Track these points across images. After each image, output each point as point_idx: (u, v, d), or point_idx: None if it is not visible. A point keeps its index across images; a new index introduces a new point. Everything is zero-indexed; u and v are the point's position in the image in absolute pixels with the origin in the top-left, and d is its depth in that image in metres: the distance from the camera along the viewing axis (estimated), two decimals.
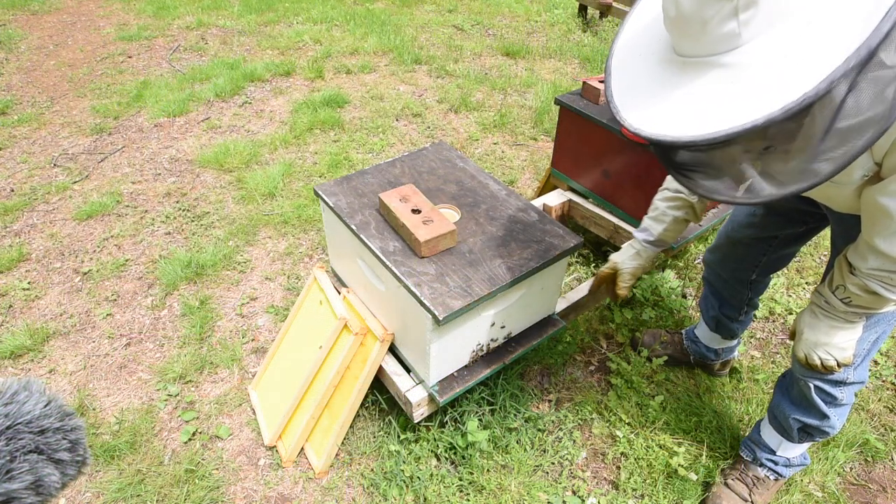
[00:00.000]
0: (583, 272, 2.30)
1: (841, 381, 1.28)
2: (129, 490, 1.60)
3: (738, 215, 1.56)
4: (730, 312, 1.71)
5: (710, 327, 1.79)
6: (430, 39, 4.50)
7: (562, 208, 2.29)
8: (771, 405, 1.50)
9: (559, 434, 1.75)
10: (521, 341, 1.67)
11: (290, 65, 3.95)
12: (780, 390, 1.46)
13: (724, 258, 1.64)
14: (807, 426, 1.39)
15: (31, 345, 2.02)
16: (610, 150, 2.02)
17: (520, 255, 1.47)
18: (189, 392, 1.88)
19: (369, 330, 1.62)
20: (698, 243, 2.44)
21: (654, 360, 1.90)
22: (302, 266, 2.37)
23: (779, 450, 1.51)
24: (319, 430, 1.68)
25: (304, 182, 2.84)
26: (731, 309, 1.71)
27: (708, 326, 1.79)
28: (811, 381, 1.30)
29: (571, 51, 4.26)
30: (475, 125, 3.35)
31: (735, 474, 1.58)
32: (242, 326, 2.10)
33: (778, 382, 1.49)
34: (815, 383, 1.30)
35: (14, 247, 2.44)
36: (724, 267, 1.65)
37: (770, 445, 1.52)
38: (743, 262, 1.59)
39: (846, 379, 1.27)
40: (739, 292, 1.66)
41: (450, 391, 1.53)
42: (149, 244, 2.47)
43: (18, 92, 3.66)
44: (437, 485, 1.61)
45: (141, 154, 3.07)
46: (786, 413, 1.41)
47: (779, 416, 1.45)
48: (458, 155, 1.87)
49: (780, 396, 1.45)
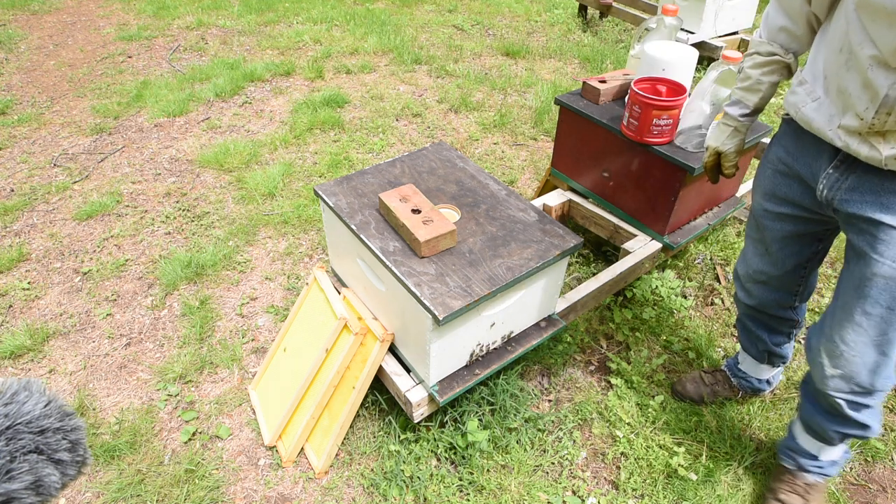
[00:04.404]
0: (583, 272, 2.30)
1: (868, 389, 1.25)
2: (129, 490, 1.60)
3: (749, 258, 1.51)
4: (780, 339, 1.64)
5: (760, 360, 1.70)
6: (430, 39, 4.50)
7: (562, 208, 2.29)
8: (802, 415, 1.46)
9: (559, 434, 1.75)
10: (521, 341, 1.67)
11: (290, 65, 3.95)
12: (809, 399, 1.42)
13: (761, 296, 1.55)
14: (847, 434, 1.38)
15: (31, 345, 2.02)
16: (610, 150, 2.02)
17: (520, 255, 1.47)
18: (189, 392, 1.88)
19: (369, 330, 1.62)
20: (698, 243, 2.44)
21: (653, 360, 1.90)
22: (302, 266, 2.37)
23: (821, 454, 1.48)
24: (319, 430, 1.68)
25: (304, 182, 2.84)
26: (781, 335, 1.64)
27: (757, 360, 1.71)
28: (840, 396, 1.28)
29: (571, 51, 4.26)
30: (475, 125, 3.35)
31: (785, 487, 1.53)
32: (242, 326, 2.10)
33: (802, 389, 1.46)
34: (844, 398, 1.27)
35: (14, 247, 2.44)
36: (764, 303, 1.56)
37: (811, 451, 1.49)
38: (779, 291, 1.52)
39: (873, 386, 1.24)
40: (786, 317, 1.58)
41: (450, 391, 1.53)
42: (149, 244, 2.47)
43: (18, 92, 3.66)
44: (437, 485, 1.61)
45: (141, 154, 3.07)
46: (823, 427, 1.38)
47: (815, 428, 1.42)
48: (458, 155, 1.87)
49: (812, 409, 1.41)
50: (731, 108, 1.40)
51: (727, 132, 1.43)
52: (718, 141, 1.45)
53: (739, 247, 2.39)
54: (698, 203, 2.06)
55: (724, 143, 1.44)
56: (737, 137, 1.42)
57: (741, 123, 1.41)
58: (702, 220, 2.13)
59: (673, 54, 1.85)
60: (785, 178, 1.33)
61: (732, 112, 1.40)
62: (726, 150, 1.44)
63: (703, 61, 3.77)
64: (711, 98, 1.72)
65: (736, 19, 3.76)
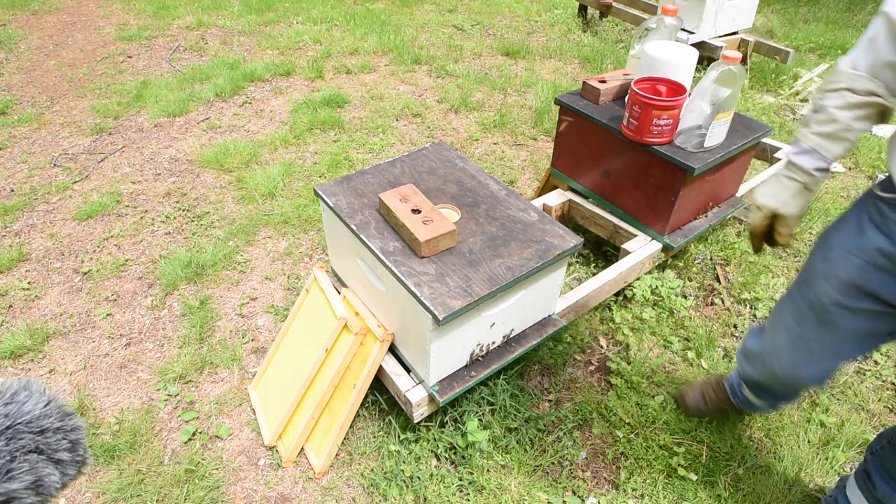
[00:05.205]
0: (583, 272, 2.30)
1: None
2: (129, 490, 1.60)
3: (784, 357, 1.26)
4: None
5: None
6: (430, 39, 4.49)
7: (562, 208, 2.29)
8: (879, 493, 1.24)
9: (559, 434, 1.75)
10: (521, 341, 1.67)
11: (290, 65, 3.95)
12: (880, 474, 1.22)
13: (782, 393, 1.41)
14: None
15: (31, 345, 2.02)
16: (610, 150, 2.02)
17: (520, 255, 1.47)
18: (189, 392, 1.88)
19: (369, 330, 1.62)
20: (698, 243, 2.44)
21: (653, 360, 1.90)
22: (302, 266, 2.37)
23: None
24: (319, 430, 1.68)
25: (304, 182, 2.84)
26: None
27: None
28: None
29: (571, 51, 4.26)
30: (475, 125, 3.35)
31: None
32: (242, 326, 2.10)
33: (873, 461, 1.25)
34: None
35: (14, 247, 2.44)
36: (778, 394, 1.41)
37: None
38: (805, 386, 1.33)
39: None
40: None
41: (450, 391, 1.53)
42: (149, 244, 2.47)
43: (18, 92, 3.66)
44: (437, 485, 1.61)
45: (141, 154, 3.07)
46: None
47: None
48: (458, 155, 1.87)
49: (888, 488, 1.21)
50: (801, 159, 1.06)
51: (792, 189, 1.09)
52: (779, 200, 1.10)
53: (740, 247, 2.38)
54: (698, 203, 2.06)
55: (786, 202, 1.10)
56: (804, 197, 1.10)
57: (814, 180, 1.07)
58: (702, 220, 2.13)
59: (673, 54, 1.85)
60: (884, 274, 1.03)
61: (805, 164, 1.06)
62: (789, 212, 1.10)
63: (703, 61, 3.77)
64: (711, 98, 1.72)
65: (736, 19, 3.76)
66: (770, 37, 4.56)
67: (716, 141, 1.86)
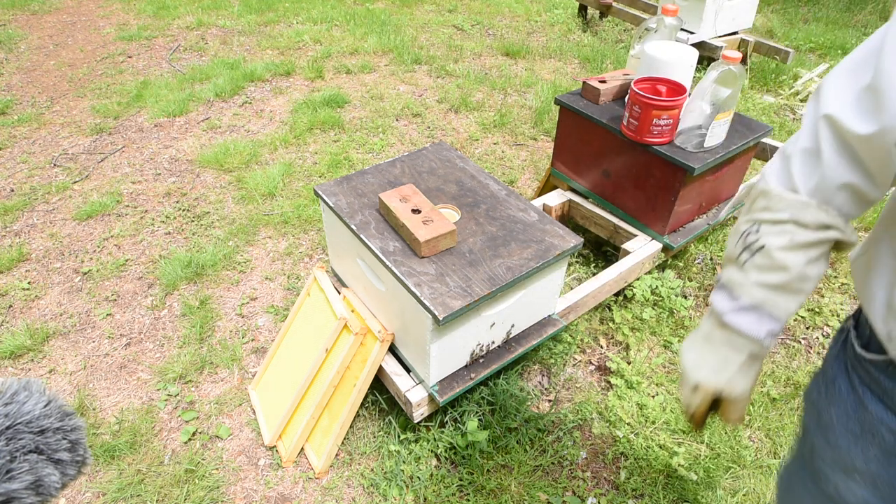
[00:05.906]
0: (583, 272, 2.30)
1: None
2: (129, 490, 1.60)
3: None
4: None
5: None
6: (430, 39, 4.49)
7: (562, 208, 2.29)
8: None
9: (559, 434, 1.75)
10: (521, 341, 1.67)
11: (290, 65, 3.95)
12: None
13: None
14: None
15: (31, 345, 2.02)
16: (610, 150, 2.02)
17: (520, 255, 1.47)
18: (189, 392, 1.88)
19: (369, 330, 1.62)
20: (698, 243, 2.44)
21: (653, 360, 1.90)
22: (302, 266, 2.37)
23: None
24: (319, 430, 1.68)
25: (304, 182, 2.84)
26: None
27: None
28: None
29: (571, 51, 4.26)
30: (475, 125, 3.35)
31: None
32: (242, 326, 2.10)
33: None
34: None
35: (14, 247, 2.44)
36: None
37: None
38: None
39: None
40: None
41: (450, 391, 1.53)
42: (149, 244, 2.47)
43: (18, 92, 3.66)
44: (437, 485, 1.61)
45: (141, 154, 3.07)
46: None
47: None
48: (458, 155, 1.87)
49: None
50: (743, 321, 0.78)
51: (737, 363, 0.81)
52: (721, 378, 0.82)
53: None
54: (698, 203, 2.06)
55: (730, 380, 0.82)
56: (754, 369, 0.83)
57: (763, 348, 0.80)
58: (702, 220, 2.13)
59: (673, 54, 1.85)
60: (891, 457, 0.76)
61: (750, 330, 0.78)
62: (737, 393, 0.83)
63: (703, 61, 3.77)
64: (711, 98, 1.72)
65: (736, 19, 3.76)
66: (770, 37, 4.56)
67: (716, 141, 1.86)
